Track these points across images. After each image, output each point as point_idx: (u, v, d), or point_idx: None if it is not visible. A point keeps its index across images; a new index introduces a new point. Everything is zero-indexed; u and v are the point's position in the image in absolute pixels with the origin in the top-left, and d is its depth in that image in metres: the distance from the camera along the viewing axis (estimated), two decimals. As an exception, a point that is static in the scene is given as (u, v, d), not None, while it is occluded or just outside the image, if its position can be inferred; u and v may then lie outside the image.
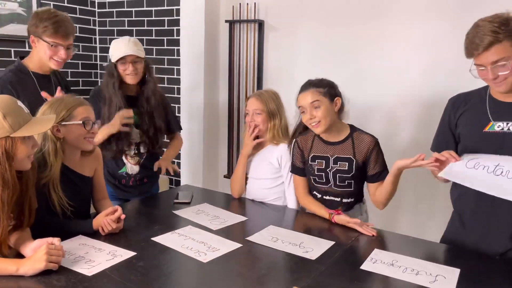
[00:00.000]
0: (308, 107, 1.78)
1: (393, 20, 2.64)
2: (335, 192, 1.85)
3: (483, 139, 1.51)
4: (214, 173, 3.44)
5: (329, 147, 1.85)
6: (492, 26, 1.38)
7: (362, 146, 1.80)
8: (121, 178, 2.22)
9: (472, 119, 1.56)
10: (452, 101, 1.67)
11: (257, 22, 3.11)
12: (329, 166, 1.83)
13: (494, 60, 1.39)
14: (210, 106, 3.30)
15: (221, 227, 1.72)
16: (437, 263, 1.43)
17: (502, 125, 1.49)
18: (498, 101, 1.52)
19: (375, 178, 1.81)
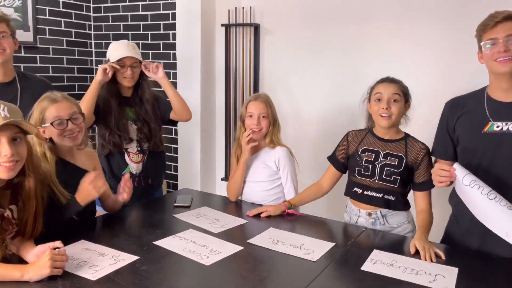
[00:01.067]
0: (387, 98, 1.76)
1: (388, 23, 2.68)
2: (378, 186, 1.79)
3: (482, 140, 1.54)
4: (211, 176, 3.45)
5: (382, 143, 1.82)
6: (508, 12, 1.46)
7: (415, 150, 1.78)
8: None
9: (471, 121, 1.59)
10: (449, 105, 1.70)
11: (253, 26, 3.13)
12: (378, 159, 1.79)
13: (509, 33, 1.44)
14: (206, 110, 3.31)
15: (221, 230, 1.74)
16: (436, 263, 1.45)
17: (501, 125, 1.52)
18: (497, 102, 1.55)
19: (424, 186, 1.77)
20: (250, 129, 2.07)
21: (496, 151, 1.52)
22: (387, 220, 1.80)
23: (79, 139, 1.69)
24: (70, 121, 1.64)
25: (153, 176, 2.31)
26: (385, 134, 1.83)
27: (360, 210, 1.84)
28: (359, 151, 1.84)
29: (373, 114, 1.81)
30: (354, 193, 1.86)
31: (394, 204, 1.79)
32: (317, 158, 2.07)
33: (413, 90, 2.58)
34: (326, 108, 2.95)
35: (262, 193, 2.11)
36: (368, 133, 1.88)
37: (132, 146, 2.22)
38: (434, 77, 2.59)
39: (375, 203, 1.81)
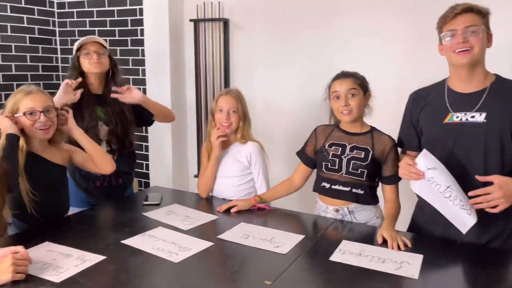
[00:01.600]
0: (344, 94, 1.76)
1: (356, 17, 2.71)
2: (346, 180, 1.79)
3: (443, 130, 1.58)
4: (184, 173, 3.42)
5: (348, 136, 1.83)
6: (468, 4, 1.50)
7: (381, 144, 1.79)
8: (95, 180, 2.14)
9: (433, 112, 1.62)
10: (412, 97, 1.73)
11: (222, 21, 3.11)
12: (345, 153, 1.80)
13: (467, 24, 1.47)
14: (177, 106, 3.28)
15: (192, 227, 1.72)
16: (403, 251, 1.49)
17: (461, 115, 1.55)
18: (457, 93, 1.58)
19: (392, 180, 1.79)
20: (220, 123, 2.06)
21: (456, 141, 1.55)
22: (354, 216, 1.81)
23: (50, 133, 1.69)
24: (43, 113, 1.63)
25: (124, 174, 2.26)
26: (351, 128, 1.84)
27: (328, 207, 1.85)
28: (326, 146, 1.85)
29: (335, 112, 1.82)
30: (322, 188, 1.86)
31: (363, 198, 1.79)
32: (289, 152, 2.08)
33: (381, 82, 2.66)
34: (297, 102, 2.97)
35: (233, 189, 2.11)
36: (335, 128, 1.88)
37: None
38: (401, 69, 2.64)
39: (343, 197, 1.80)
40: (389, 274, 1.33)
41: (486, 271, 1.36)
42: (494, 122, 1.50)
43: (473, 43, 1.48)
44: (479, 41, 1.48)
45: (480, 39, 1.48)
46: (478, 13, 1.49)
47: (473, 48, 1.48)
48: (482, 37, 1.49)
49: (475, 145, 1.53)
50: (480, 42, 1.48)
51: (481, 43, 1.49)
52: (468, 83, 1.56)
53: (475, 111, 1.52)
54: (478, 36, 1.48)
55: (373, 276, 1.33)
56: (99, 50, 2.08)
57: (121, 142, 2.17)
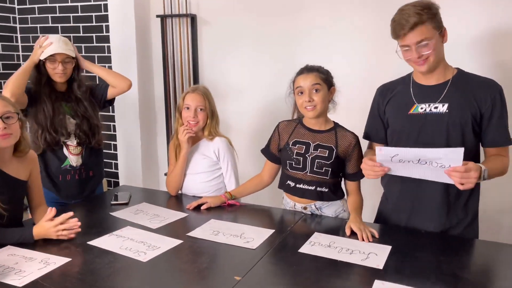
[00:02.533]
0: (308, 90, 1.74)
1: (323, 12, 2.72)
2: (310, 179, 1.79)
3: (408, 121, 1.62)
4: (154, 171, 3.37)
5: (311, 134, 1.81)
6: (416, 9, 1.49)
7: (345, 141, 1.79)
8: (66, 173, 2.13)
9: (399, 104, 1.67)
10: (380, 90, 1.77)
11: (189, 17, 3.07)
12: (309, 151, 1.78)
13: (418, 40, 1.50)
14: (145, 103, 3.22)
15: (161, 225, 1.70)
16: (371, 242, 1.51)
17: (425, 106, 1.60)
18: (421, 85, 1.64)
19: (356, 176, 1.80)
20: (188, 121, 2.04)
21: (420, 131, 1.60)
22: (322, 212, 1.83)
23: (10, 142, 1.56)
24: (1, 119, 1.50)
25: (94, 166, 2.24)
26: (314, 124, 1.82)
27: (296, 204, 1.86)
28: (290, 144, 1.83)
29: (299, 107, 1.80)
30: (287, 186, 1.86)
31: (327, 196, 1.81)
32: (258, 149, 2.07)
33: (348, 77, 2.70)
34: (267, 97, 2.97)
35: (202, 185, 2.10)
36: (298, 124, 1.86)
37: (72, 139, 2.13)
38: (368, 64, 2.67)
39: (308, 195, 1.81)
40: (355, 265, 1.35)
41: (449, 258, 1.40)
42: (456, 113, 1.55)
43: (428, 54, 1.53)
44: (433, 50, 1.52)
45: (433, 49, 1.52)
46: (427, 20, 1.49)
47: (428, 58, 1.53)
48: (435, 45, 1.52)
49: (438, 135, 1.57)
50: (434, 50, 1.52)
51: (435, 51, 1.53)
52: (430, 77, 1.62)
53: (438, 102, 1.58)
54: (431, 47, 1.51)
55: (339, 267, 1.35)
56: (65, 59, 2.07)
57: (87, 136, 2.15)
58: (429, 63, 1.54)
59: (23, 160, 1.66)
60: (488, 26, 2.32)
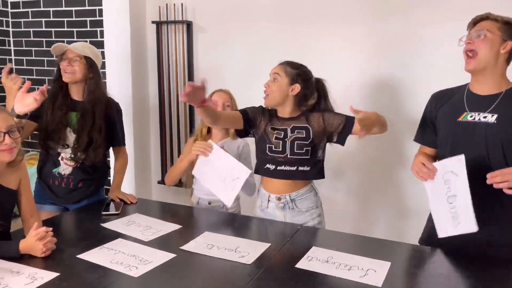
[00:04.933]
0: (270, 77, 1.86)
1: (322, 20, 2.70)
2: (291, 160, 1.83)
3: (457, 127, 1.63)
4: (147, 179, 3.32)
5: (285, 121, 1.88)
6: (496, 14, 1.58)
7: (315, 119, 1.85)
8: (54, 179, 2.08)
9: (450, 110, 1.68)
10: (434, 96, 1.78)
11: (185, 23, 3.04)
12: (287, 135, 1.84)
13: (477, 28, 1.57)
14: (139, 110, 3.18)
15: (153, 237, 1.65)
16: (371, 258, 1.47)
17: (474, 115, 1.61)
18: (474, 94, 1.64)
19: (350, 125, 1.81)
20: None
21: (468, 138, 1.60)
22: (296, 205, 1.85)
23: (14, 154, 1.55)
24: (7, 134, 1.49)
25: (87, 180, 2.13)
26: (285, 113, 1.88)
27: (270, 195, 1.87)
28: (267, 129, 1.88)
29: None
30: (266, 170, 1.88)
31: (311, 174, 1.85)
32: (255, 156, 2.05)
33: (342, 86, 2.67)
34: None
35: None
36: (274, 114, 1.92)
37: (66, 152, 2.06)
38: (360, 75, 2.65)
39: (290, 176, 1.84)
40: (353, 282, 1.31)
41: (451, 274, 1.37)
42: (504, 123, 1.54)
43: (478, 45, 1.55)
44: (483, 45, 1.54)
45: (484, 43, 1.54)
46: (498, 21, 1.55)
47: (477, 53, 1.55)
48: (488, 41, 1.54)
49: (485, 144, 1.56)
50: (484, 46, 1.54)
51: (485, 48, 1.54)
52: (484, 85, 1.61)
53: (488, 112, 1.58)
54: (483, 39, 1.54)
55: (337, 284, 1.31)
56: (75, 57, 2.01)
57: (83, 152, 2.06)
58: (475, 60, 1.55)
59: (13, 169, 1.61)
60: None
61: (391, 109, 2.54)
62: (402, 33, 2.51)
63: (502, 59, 1.57)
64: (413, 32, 2.48)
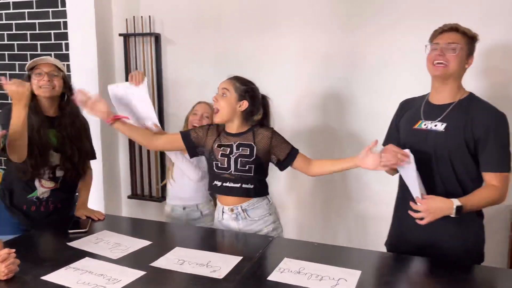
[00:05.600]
0: (219, 91, 1.87)
1: (289, 32, 2.73)
2: (235, 177, 1.85)
3: (412, 135, 1.71)
4: (116, 194, 3.24)
5: (233, 137, 1.88)
6: (460, 25, 1.65)
7: (262, 136, 1.86)
8: (31, 204, 1.96)
9: (409, 118, 1.76)
10: (401, 104, 1.86)
11: (153, 36, 3.02)
12: (233, 152, 1.85)
13: (450, 41, 1.61)
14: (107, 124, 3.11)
15: (122, 255, 1.61)
16: (342, 267, 1.48)
17: (427, 123, 1.68)
18: (430, 104, 1.71)
19: (292, 157, 1.86)
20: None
21: (421, 145, 1.65)
22: (248, 214, 1.87)
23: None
24: None
25: (65, 200, 2.06)
26: (232, 129, 1.89)
27: (224, 207, 1.90)
28: (214, 147, 1.88)
29: None
30: (214, 186, 1.91)
31: (253, 192, 1.86)
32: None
33: (305, 98, 2.72)
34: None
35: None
36: (223, 130, 1.92)
37: (45, 173, 1.96)
38: (322, 84, 2.70)
39: (234, 193, 1.86)
40: (326, 293, 1.32)
41: (423, 281, 1.39)
42: (451, 132, 1.61)
43: (449, 59, 1.61)
44: (456, 58, 1.60)
45: (457, 56, 1.60)
46: (465, 34, 1.62)
47: (449, 64, 1.61)
48: (460, 55, 1.61)
49: (435, 150, 1.63)
50: (456, 59, 1.61)
51: (457, 61, 1.61)
52: (441, 94, 1.68)
53: (438, 121, 1.65)
54: (456, 53, 1.60)
55: (310, 296, 1.31)
56: (52, 71, 1.93)
57: (76, 171, 2.00)
58: (446, 69, 1.61)
59: None
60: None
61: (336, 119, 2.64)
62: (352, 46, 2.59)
63: (463, 72, 1.67)
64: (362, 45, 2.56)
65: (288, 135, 1.97)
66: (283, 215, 2.16)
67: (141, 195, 3.19)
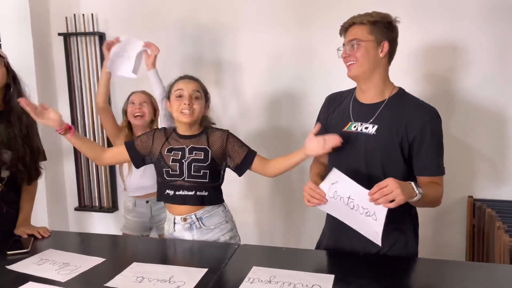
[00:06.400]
0: (189, 94, 1.73)
1: (241, 31, 2.65)
2: (189, 185, 1.72)
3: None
4: (61, 206, 3.00)
5: (185, 140, 1.77)
6: (366, 13, 1.51)
7: (216, 139, 1.76)
8: None
9: (338, 118, 1.62)
10: (328, 99, 1.72)
11: (97, 35, 2.82)
12: (185, 156, 1.73)
13: (350, 38, 1.51)
14: (50, 130, 2.85)
15: (72, 276, 1.43)
16: (314, 272, 1.41)
17: (357, 125, 1.55)
18: (359, 103, 1.59)
19: (249, 159, 1.78)
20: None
21: (351, 150, 1.54)
22: (203, 223, 1.76)
23: None
24: None
25: (12, 202, 1.85)
26: (185, 131, 1.78)
27: (175, 217, 1.77)
28: (163, 153, 1.75)
29: (174, 111, 1.75)
30: (166, 196, 1.77)
31: (208, 199, 1.75)
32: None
33: (263, 96, 2.65)
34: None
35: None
36: (172, 133, 1.80)
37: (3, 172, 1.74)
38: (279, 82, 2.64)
39: (188, 201, 1.73)
40: (301, 302, 1.24)
41: (391, 280, 1.35)
42: (383, 135, 1.50)
43: (356, 57, 1.50)
44: (361, 54, 1.49)
45: (361, 52, 1.49)
46: (365, 23, 1.48)
47: (356, 61, 1.50)
48: (365, 49, 1.49)
49: (365, 155, 1.52)
50: (362, 55, 1.49)
51: (364, 56, 1.49)
52: (367, 93, 1.56)
53: (369, 123, 1.53)
54: (359, 49, 1.49)
55: (286, 306, 1.22)
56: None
57: (28, 173, 1.80)
58: (356, 68, 1.51)
59: None
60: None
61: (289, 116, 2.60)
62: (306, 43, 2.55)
63: (383, 63, 1.53)
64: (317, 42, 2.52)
65: (241, 137, 1.86)
66: (242, 218, 2.07)
67: (90, 206, 2.98)
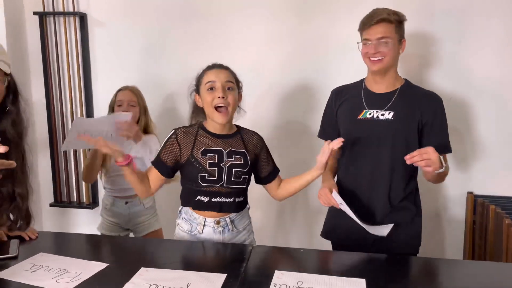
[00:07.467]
0: (222, 86, 1.54)
1: (236, 17, 2.49)
2: (227, 191, 1.58)
3: (356, 125, 1.69)
4: (35, 203, 2.73)
5: (218, 140, 1.59)
6: (387, 10, 1.62)
7: (252, 142, 1.65)
8: None
9: (350, 107, 1.73)
10: (335, 92, 1.82)
11: (78, 15, 2.58)
12: (223, 160, 1.56)
13: (380, 36, 1.60)
14: (22, 119, 2.60)
15: (74, 285, 1.26)
16: (341, 276, 1.31)
17: (373, 112, 1.68)
18: (372, 92, 1.72)
19: (272, 176, 1.71)
20: None
21: (367, 135, 1.67)
22: (235, 226, 1.65)
23: None
24: None
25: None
26: (220, 129, 1.61)
27: (206, 219, 1.62)
28: (197, 155, 1.57)
29: (207, 107, 1.57)
30: (198, 203, 1.60)
31: (241, 205, 1.66)
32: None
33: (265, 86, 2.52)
34: (170, 104, 2.62)
35: None
36: (199, 130, 1.61)
37: None
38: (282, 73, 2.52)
39: (226, 209, 1.61)
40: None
41: (425, 285, 1.29)
42: (401, 121, 1.64)
43: (384, 53, 1.62)
44: (390, 51, 1.62)
45: (390, 49, 1.62)
46: (393, 22, 1.61)
47: (384, 57, 1.62)
48: (393, 47, 1.63)
49: (384, 140, 1.65)
50: (391, 52, 1.62)
51: (391, 53, 1.63)
52: (381, 84, 1.71)
53: (385, 110, 1.67)
54: (389, 47, 1.62)
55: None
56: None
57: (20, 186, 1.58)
58: (383, 63, 1.62)
59: None
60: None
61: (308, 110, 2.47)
62: (324, 34, 2.42)
63: (398, 56, 1.69)
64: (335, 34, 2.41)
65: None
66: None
67: (68, 202, 2.75)
